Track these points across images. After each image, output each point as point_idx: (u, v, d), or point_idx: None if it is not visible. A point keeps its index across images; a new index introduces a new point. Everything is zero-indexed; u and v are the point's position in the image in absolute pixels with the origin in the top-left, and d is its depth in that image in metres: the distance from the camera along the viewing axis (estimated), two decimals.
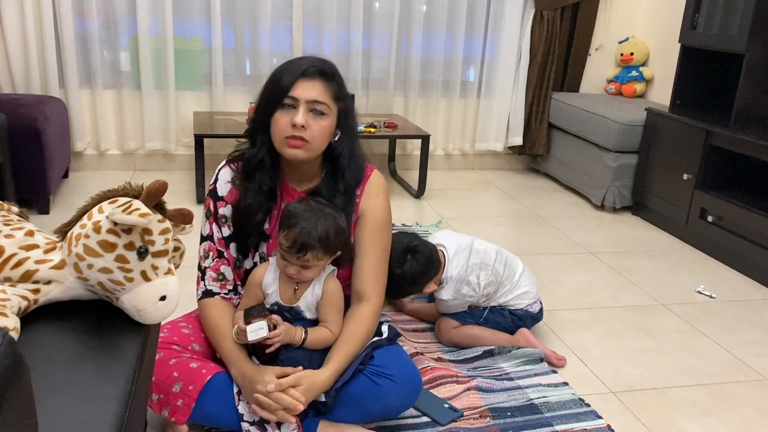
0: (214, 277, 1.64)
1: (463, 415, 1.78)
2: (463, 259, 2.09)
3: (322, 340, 1.59)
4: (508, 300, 2.14)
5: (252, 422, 1.50)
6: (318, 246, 1.50)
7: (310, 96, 1.53)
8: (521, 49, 4.14)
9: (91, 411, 1.00)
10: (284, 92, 1.52)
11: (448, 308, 2.14)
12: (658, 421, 1.86)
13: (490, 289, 2.12)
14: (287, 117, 1.53)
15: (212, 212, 1.65)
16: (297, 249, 1.50)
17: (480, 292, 2.10)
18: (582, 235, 3.31)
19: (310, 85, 1.53)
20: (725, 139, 3.00)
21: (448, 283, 2.08)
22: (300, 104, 1.52)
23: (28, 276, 1.20)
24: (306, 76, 1.53)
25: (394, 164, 4.14)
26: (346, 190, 1.64)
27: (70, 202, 3.21)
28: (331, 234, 1.51)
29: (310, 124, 1.52)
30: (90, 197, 1.28)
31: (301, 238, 1.49)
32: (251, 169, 1.61)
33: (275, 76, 1.56)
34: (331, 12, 3.81)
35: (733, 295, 2.73)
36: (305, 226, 1.49)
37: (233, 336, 1.55)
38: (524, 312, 2.15)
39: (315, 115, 1.54)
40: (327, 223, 1.51)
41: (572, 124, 3.92)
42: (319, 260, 1.54)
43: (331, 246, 1.53)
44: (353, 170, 1.65)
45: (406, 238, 2.07)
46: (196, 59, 3.79)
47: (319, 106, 1.54)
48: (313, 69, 1.54)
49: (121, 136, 3.79)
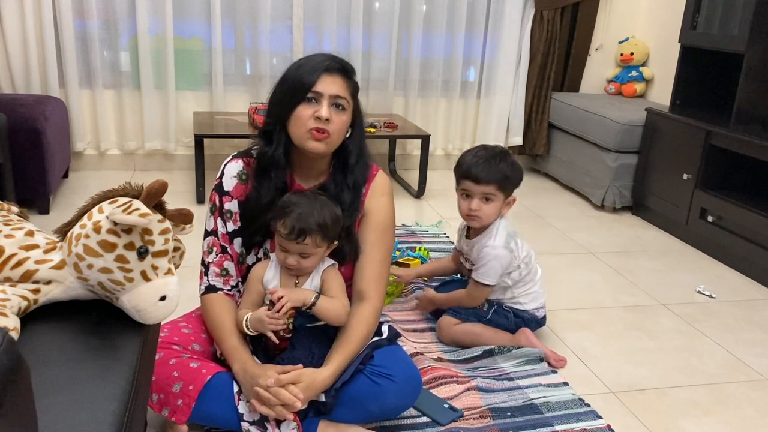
0: (217, 272, 1.64)
1: (463, 415, 1.78)
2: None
3: (332, 309, 1.56)
4: (524, 292, 2.13)
5: (252, 422, 1.51)
6: (316, 229, 1.50)
7: (333, 91, 1.55)
8: (521, 49, 4.14)
9: (91, 411, 1.00)
10: (308, 87, 1.54)
11: (488, 265, 2.02)
12: (658, 421, 1.86)
13: (523, 269, 2.10)
14: (310, 110, 1.54)
15: (217, 207, 1.65)
16: (296, 234, 1.50)
17: (519, 259, 2.07)
18: (582, 235, 3.31)
19: (332, 80, 1.56)
20: (725, 139, 3.00)
21: (499, 231, 2.04)
22: (323, 98, 1.54)
23: (28, 276, 1.20)
24: (328, 72, 1.56)
25: (394, 164, 4.14)
26: (353, 185, 1.65)
27: (70, 202, 3.21)
28: (328, 220, 1.52)
29: (332, 118, 1.54)
30: (90, 197, 1.28)
31: (299, 223, 1.49)
32: (267, 166, 1.62)
33: (294, 72, 1.57)
34: (331, 12, 3.81)
35: (733, 295, 2.73)
36: (302, 212, 1.50)
37: (245, 325, 1.54)
38: (530, 316, 2.15)
39: (336, 110, 1.56)
40: (324, 209, 1.53)
41: (572, 124, 3.92)
42: (318, 246, 1.54)
43: (329, 232, 1.54)
44: (361, 167, 1.66)
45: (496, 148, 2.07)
46: (196, 59, 3.79)
47: (341, 101, 1.56)
48: (335, 65, 1.57)
49: (121, 136, 3.79)
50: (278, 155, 1.60)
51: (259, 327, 1.53)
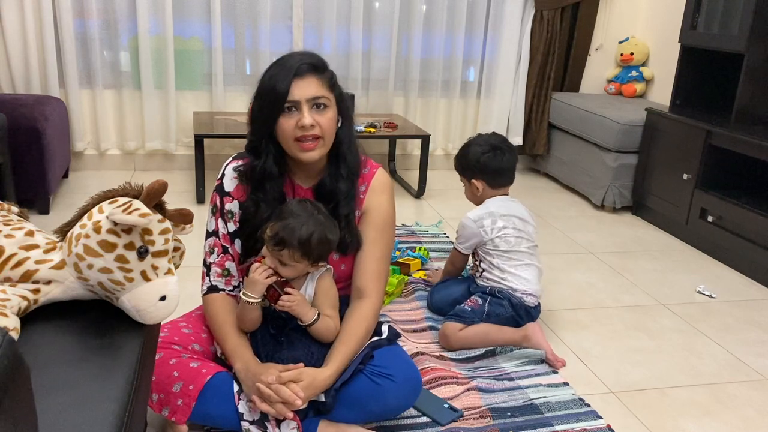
0: (219, 272, 1.64)
1: (463, 415, 1.78)
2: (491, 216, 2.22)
3: (329, 329, 1.58)
4: (513, 272, 2.16)
5: (252, 421, 1.51)
6: (296, 246, 1.48)
7: (309, 93, 1.53)
8: (521, 49, 4.14)
9: (91, 411, 1.00)
10: (283, 98, 1.51)
11: (460, 232, 2.26)
12: (658, 421, 1.86)
13: (499, 244, 2.18)
14: (292, 120, 1.52)
15: (218, 208, 1.65)
16: (275, 242, 1.49)
17: (488, 236, 2.19)
18: (582, 235, 3.31)
19: (305, 83, 1.53)
20: (725, 139, 3.00)
21: (479, 208, 2.26)
22: (302, 104, 1.52)
23: (28, 276, 1.20)
24: (299, 76, 1.52)
25: (394, 164, 4.14)
26: (348, 174, 1.64)
27: (70, 202, 3.21)
28: (313, 239, 1.49)
29: (317, 120, 1.53)
30: (90, 197, 1.28)
31: (282, 233, 1.48)
32: (260, 180, 1.60)
33: (268, 83, 1.54)
34: (331, 12, 3.81)
35: (733, 295, 2.73)
36: (290, 223, 1.49)
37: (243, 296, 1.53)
38: (519, 301, 2.14)
39: (319, 110, 1.54)
40: (313, 228, 1.49)
41: (572, 124, 3.92)
42: (296, 261, 1.52)
43: (311, 251, 1.50)
44: (353, 154, 1.65)
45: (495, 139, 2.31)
46: (196, 59, 3.79)
47: (320, 100, 1.54)
48: (304, 66, 1.53)
49: (121, 136, 3.79)
50: (269, 167, 1.59)
51: (254, 287, 1.52)
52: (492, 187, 2.28)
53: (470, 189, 2.33)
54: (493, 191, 2.28)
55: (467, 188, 2.35)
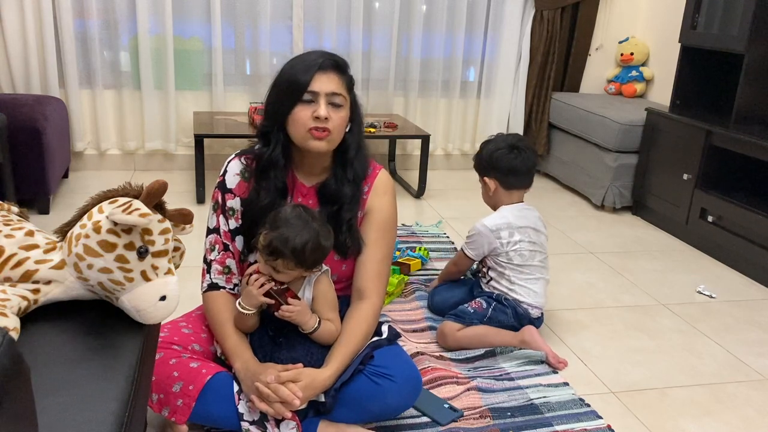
0: (219, 270, 1.64)
1: (463, 415, 1.78)
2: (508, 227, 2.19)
3: (330, 333, 1.59)
4: (522, 284, 2.15)
5: (252, 422, 1.51)
6: (290, 256, 1.48)
7: (329, 89, 1.54)
8: (521, 49, 4.14)
9: (91, 411, 1.00)
10: (303, 88, 1.53)
11: (472, 237, 2.19)
12: (658, 421, 1.86)
13: (513, 258, 2.15)
14: (308, 110, 1.54)
15: (220, 205, 1.65)
16: (268, 252, 1.49)
17: (504, 248, 2.15)
18: (582, 235, 3.31)
19: (327, 78, 1.55)
20: (725, 139, 3.00)
21: (495, 215, 2.20)
22: (320, 98, 1.54)
23: (28, 276, 1.20)
24: (322, 69, 1.55)
25: (394, 164, 4.14)
26: (354, 179, 1.65)
27: (70, 202, 3.21)
28: (307, 248, 1.48)
29: (331, 116, 1.54)
30: (90, 197, 1.28)
31: (275, 243, 1.47)
32: (266, 167, 1.61)
33: (288, 73, 1.57)
34: (331, 12, 3.81)
35: (733, 295, 2.73)
36: (284, 233, 1.47)
37: (239, 306, 1.54)
38: (523, 312, 2.15)
39: (334, 108, 1.55)
40: (308, 236, 1.48)
41: (572, 124, 3.92)
42: (290, 270, 1.51)
43: (304, 260, 1.50)
44: (361, 160, 1.66)
45: (513, 138, 2.25)
46: (196, 59, 3.79)
47: (337, 98, 1.56)
48: (328, 62, 1.57)
49: (121, 136, 3.79)
50: (276, 155, 1.60)
51: (249, 300, 1.52)
52: (505, 188, 2.22)
53: (484, 189, 2.28)
54: (508, 193, 2.23)
55: (482, 188, 2.30)
